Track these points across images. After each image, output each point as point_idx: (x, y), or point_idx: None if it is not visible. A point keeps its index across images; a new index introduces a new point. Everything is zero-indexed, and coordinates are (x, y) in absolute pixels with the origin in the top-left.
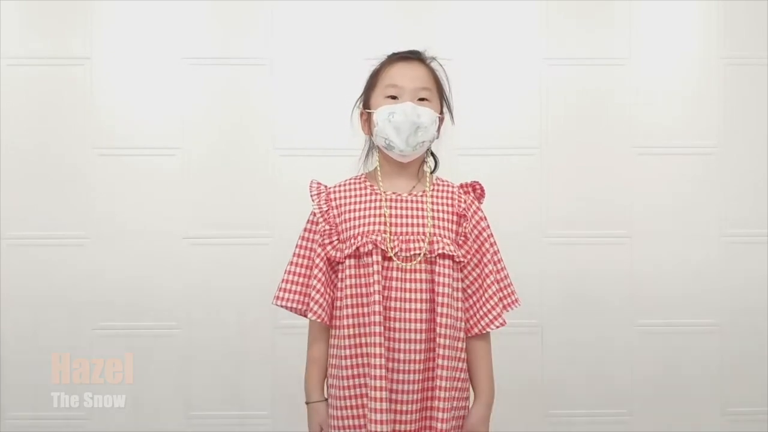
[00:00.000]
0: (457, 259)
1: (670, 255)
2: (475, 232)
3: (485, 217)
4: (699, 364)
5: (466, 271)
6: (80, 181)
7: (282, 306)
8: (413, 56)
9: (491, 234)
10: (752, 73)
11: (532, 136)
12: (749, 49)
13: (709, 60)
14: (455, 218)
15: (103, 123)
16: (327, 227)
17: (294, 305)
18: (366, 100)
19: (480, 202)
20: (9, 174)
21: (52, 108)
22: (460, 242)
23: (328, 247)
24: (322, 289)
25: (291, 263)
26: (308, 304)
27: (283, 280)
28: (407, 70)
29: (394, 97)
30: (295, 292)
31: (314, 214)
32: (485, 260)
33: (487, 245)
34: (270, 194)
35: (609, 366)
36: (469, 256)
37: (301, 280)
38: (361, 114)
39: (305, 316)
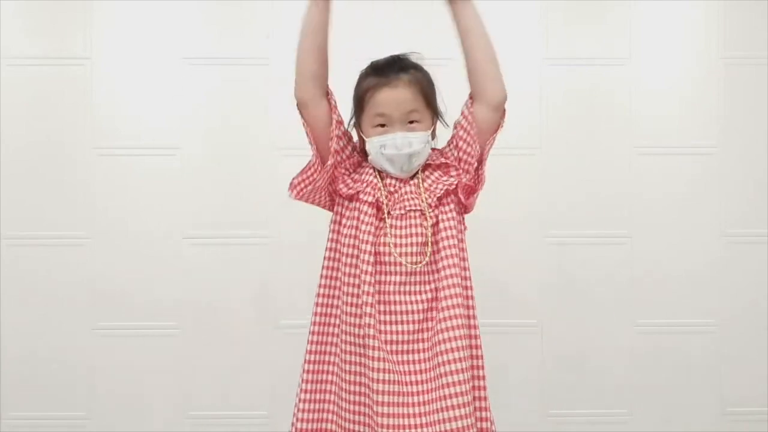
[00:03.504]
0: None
1: (670, 255)
2: (453, 143)
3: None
4: (699, 364)
5: (460, 138)
6: (80, 181)
7: (298, 179)
8: (394, 73)
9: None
10: (752, 73)
11: (532, 136)
12: (749, 49)
13: (709, 60)
14: (449, 178)
15: (103, 123)
16: (345, 141)
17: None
18: (357, 121)
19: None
20: (9, 174)
21: (52, 108)
22: (454, 174)
23: (345, 152)
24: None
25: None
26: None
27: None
28: (392, 96)
29: (383, 125)
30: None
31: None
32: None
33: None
34: (270, 194)
35: (609, 366)
36: (459, 153)
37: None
38: (356, 131)
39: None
